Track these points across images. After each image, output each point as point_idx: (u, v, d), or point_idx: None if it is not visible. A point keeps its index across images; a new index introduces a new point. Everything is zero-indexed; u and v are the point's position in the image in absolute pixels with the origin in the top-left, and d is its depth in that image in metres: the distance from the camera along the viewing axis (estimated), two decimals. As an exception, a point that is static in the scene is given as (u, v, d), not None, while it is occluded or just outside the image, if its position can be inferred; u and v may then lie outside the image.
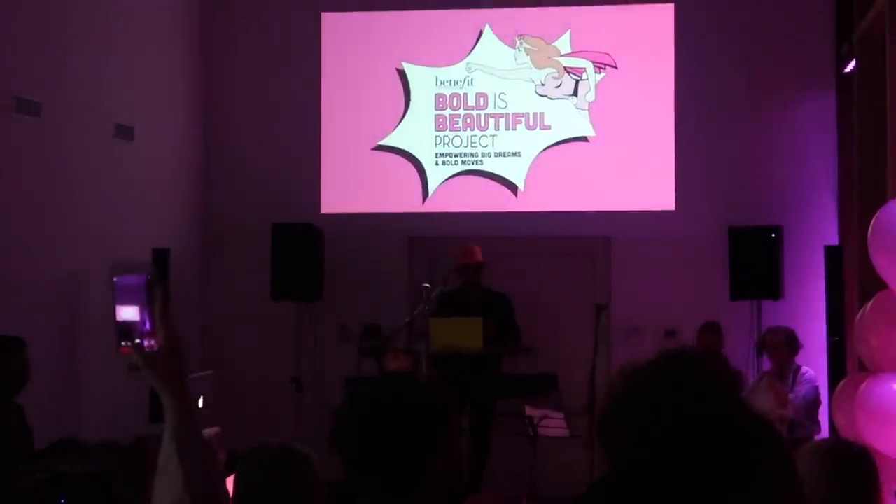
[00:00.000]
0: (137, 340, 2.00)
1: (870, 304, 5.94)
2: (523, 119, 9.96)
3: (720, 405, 2.03)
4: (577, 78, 9.89)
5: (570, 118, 9.88)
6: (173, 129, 9.72)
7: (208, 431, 5.90)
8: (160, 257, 8.74)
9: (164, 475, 1.97)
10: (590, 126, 9.86)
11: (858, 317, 6.05)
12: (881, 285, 5.93)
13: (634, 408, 2.04)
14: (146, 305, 2.00)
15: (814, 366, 8.32)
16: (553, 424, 7.92)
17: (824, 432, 7.82)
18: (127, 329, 2.01)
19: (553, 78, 9.93)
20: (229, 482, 5.90)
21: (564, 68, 9.91)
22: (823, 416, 7.86)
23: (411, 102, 10.07)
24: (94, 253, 7.92)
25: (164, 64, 9.61)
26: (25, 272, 7.38)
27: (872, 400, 5.57)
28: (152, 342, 2.00)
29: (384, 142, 10.05)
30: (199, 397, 5.96)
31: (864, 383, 5.70)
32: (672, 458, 1.98)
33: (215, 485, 2.01)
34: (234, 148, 10.20)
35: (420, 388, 2.36)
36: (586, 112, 9.87)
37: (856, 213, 8.13)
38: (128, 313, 2.01)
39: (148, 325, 2.01)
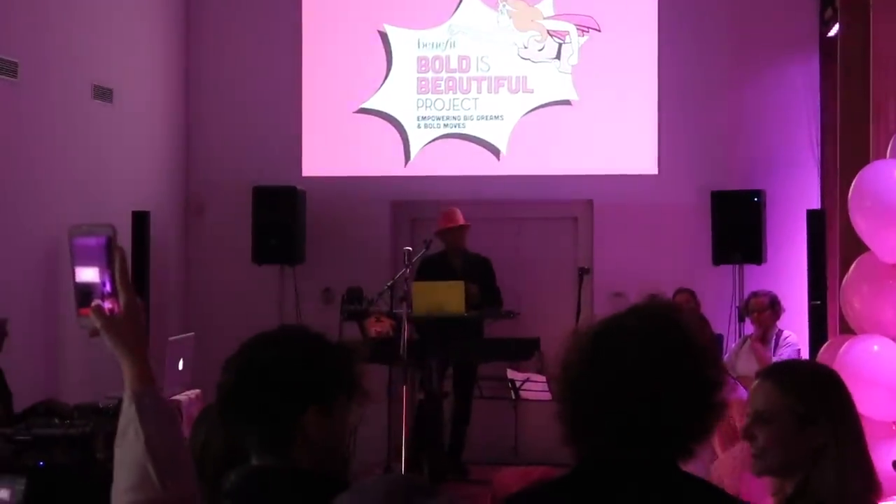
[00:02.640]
0: (98, 302, 1.96)
1: (852, 267, 5.95)
2: (506, 82, 9.91)
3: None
4: (560, 41, 9.84)
5: (552, 81, 9.83)
6: (153, 90, 9.64)
7: (189, 393, 5.90)
8: (140, 220, 8.69)
9: (125, 440, 1.94)
10: (572, 89, 9.81)
11: (844, 280, 6.06)
12: (863, 248, 5.93)
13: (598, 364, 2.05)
14: (106, 267, 1.95)
15: (795, 329, 8.35)
16: (535, 388, 7.94)
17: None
18: (87, 291, 1.97)
19: (536, 41, 9.88)
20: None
21: (547, 31, 9.86)
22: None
23: (393, 65, 10.01)
24: (73, 216, 7.85)
25: (145, 25, 9.52)
26: (3, 234, 7.33)
27: (851, 361, 5.58)
28: (113, 305, 1.96)
29: (366, 105, 9.99)
30: (180, 359, 5.94)
31: (844, 345, 5.72)
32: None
33: (177, 448, 1.99)
34: (215, 110, 10.11)
35: (308, 343, 2.32)
36: (569, 75, 9.82)
37: (838, 176, 8.11)
38: (87, 275, 1.96)
39: (108, 287, 1.95)
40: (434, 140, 9.97)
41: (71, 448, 5.13)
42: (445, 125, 9.96)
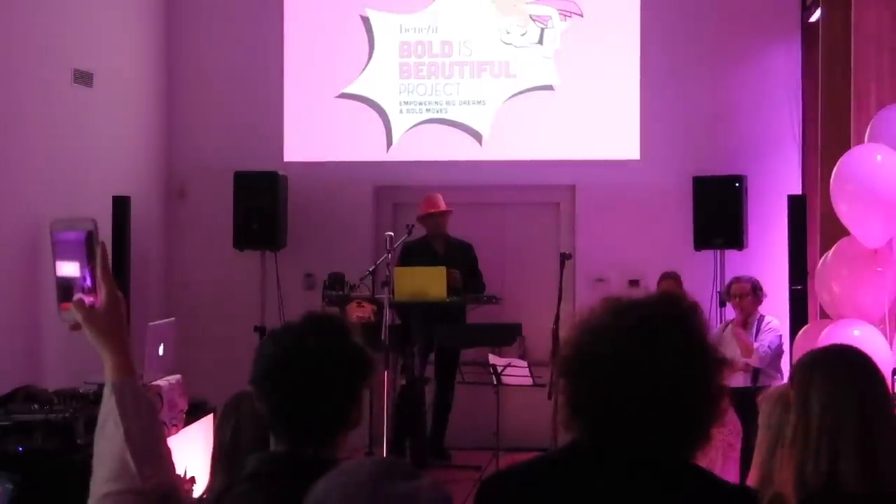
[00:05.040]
0: (79, 296, 1.95)
1: (831, 251, 5.97)
2: (488, 67, 9.89)
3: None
4: (543, 26, 9.82)
5: (535, 67, 9.82)
6: (134, 75, 9.58)
7: (170, 379, 5.87)
8: (121, 205, 8.65)
9: (104, 431, 1.96)
10: (555, 75, 9.81)
11: (820, 264, 6.08)
12: (843, 233, 5.96)
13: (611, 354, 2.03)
14: (87, 261, 1.95)
15: (776, 314, 8.37)
16: (517, 373, 7.93)
17: (785, 380, 7.88)
18: (67, 285, 1.97)
19: (518, 26, 9.86)
20: (200, 426, 5.86)
21: (530, 16, 9.84)
22: (785, 364, 7.92)
23: (375, 50, 9.98)
24: (54, 201, 7.82)
25: (125, 9, 9.45)
26: (-17, 220, 7.28)
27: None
28: (93, 299, 1.95)
29: (348, 89, 9.96)
30: (161, 344, 5.92)
31: (825, 330, 5.74)
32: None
33: (156, 439, 2.00)
34: (197, 95, 10.07)
35: (346, 333, 2.34)
36: (551, 60, 9.81)
37: (819, 162, 8.14)
38: (68, 269, 1.97)
39: (89, 282, 1.96)
40: (416, 125, 9.95)
41: (51, 434, 5.11)
42: (427, 110, 9.94)
